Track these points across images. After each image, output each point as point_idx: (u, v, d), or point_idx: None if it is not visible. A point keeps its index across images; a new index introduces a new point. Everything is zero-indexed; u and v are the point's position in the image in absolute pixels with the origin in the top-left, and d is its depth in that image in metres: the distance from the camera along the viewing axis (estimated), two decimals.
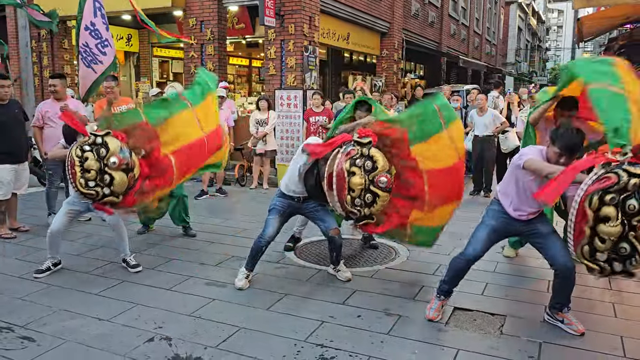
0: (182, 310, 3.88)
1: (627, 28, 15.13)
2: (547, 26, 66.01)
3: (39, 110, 6.19)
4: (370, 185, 3.84)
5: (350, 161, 3.84)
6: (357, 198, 3.87)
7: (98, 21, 7.27)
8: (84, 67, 7.33)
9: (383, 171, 3.85)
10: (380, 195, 3.87)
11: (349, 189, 3.85)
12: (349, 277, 4.53)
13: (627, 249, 2.70)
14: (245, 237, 5.89)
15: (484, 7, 28.46)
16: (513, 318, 3.75)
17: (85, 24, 7.23)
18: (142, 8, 11.02)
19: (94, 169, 4.05)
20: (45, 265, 4.61)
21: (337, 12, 12.27)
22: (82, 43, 7.25)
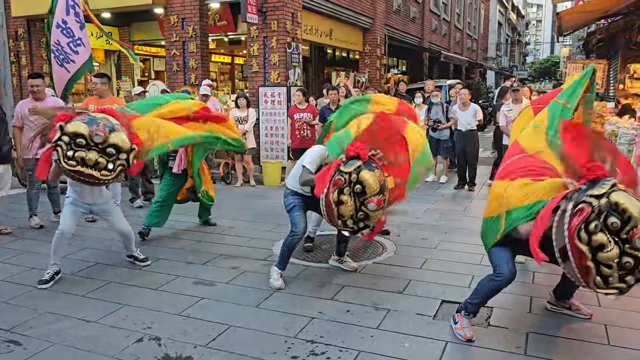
0: (170, 309, 3.86)
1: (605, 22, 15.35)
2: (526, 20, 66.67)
3: (18, 110, 6.07)
4: (362, 207, 3.81)
5: (338, 191, 3.79)
6: (349, 219, 3.86)
7: (71, 19, 7.12)
8: (56, 65, 7.20)
9: (373, 194, 3.76)
10: (371, 215, 3.85)
11: (338, 216, 3.85)
12: (355, 267, 4.67)
13: (631, 262, 2.73)
14: (233, 235, 5.88)
15: (465, 2, 28.67)
16: (500, 309, 3.80)
17: (57, 22, 7.09)
18: (124, 5, 10.95)
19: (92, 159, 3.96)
20: (49, 274, 4.40)
21: (319, 8, 12.26)
22: (54, 41, 7.11)
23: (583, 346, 3.27)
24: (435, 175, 9.42)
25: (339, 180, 3.78)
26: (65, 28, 7.12)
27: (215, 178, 9.23)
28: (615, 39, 15.12)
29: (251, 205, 7.60)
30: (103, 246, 5.48)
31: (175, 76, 11.04)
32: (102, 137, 3.93)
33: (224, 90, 14.38)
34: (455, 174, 9.08)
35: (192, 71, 10.84)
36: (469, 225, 6.31)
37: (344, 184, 3.76)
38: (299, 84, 10.44)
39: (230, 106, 11.46)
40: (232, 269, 4.74)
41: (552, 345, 3.29)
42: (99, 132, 3.91)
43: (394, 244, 5.44)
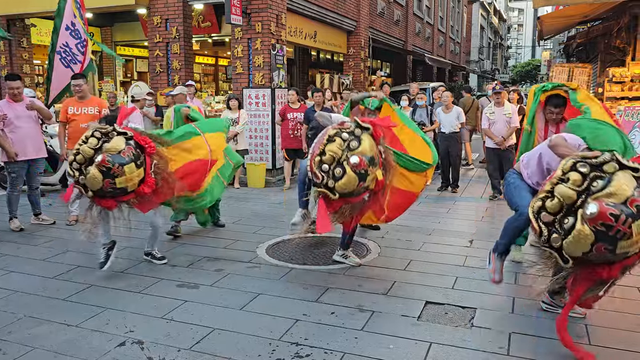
0: (153, 313, 3.82)
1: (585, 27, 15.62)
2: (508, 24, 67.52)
3: None
4: (344, 162, 3.85)
5: (337, 131, 3.93)
6: (325, 164, 3.89)
7: (77, 21, 7.15)
8: (62, 67, 7.17)
9: (362, 154, 3.85)
10: (348, 174, 3.84)
11: (321, 152, 3.90)
12: (359, 262, 4.78)
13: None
14: (217, 238, 5.85)
15: (448, 6, 28.93)
16: (483, 310, 3.83)
17: (66, 24, 7.10)
18: (106, 5, 10.84)
19: (83, 155, 4.08)
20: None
21: (303, 10, 12.27)
22: (62, 43, 7.11)
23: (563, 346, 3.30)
24: None
25: (347, 124, 3.98)
26: (74, 30, 7.16)
27: None
28: (594, 44, 15.41)
29: (235, 207, 7.56)
30: (85, 249, 5.40)
31: (159, 77, 10.95)
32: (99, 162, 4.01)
33: (208, 92, 14.31)
34: (438, 175, 9.14)
35: (176, 72, 10.76)
36: (453, 226, 6.36)
37: (347, 128, 3.93)
38: (284, 85, 10.43)
39: (214, 107, 11.41)
40: (216, 272, 4.71)
41: (535, 346, 3.32)
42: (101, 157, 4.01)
43: (378, 246, 5.46)
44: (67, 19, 7.10)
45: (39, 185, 6.49)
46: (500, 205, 7.52)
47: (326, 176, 3.90)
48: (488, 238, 5.76)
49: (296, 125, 8.74)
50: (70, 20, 7.10)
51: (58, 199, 7.68)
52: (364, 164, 3.83)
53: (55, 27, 7.18)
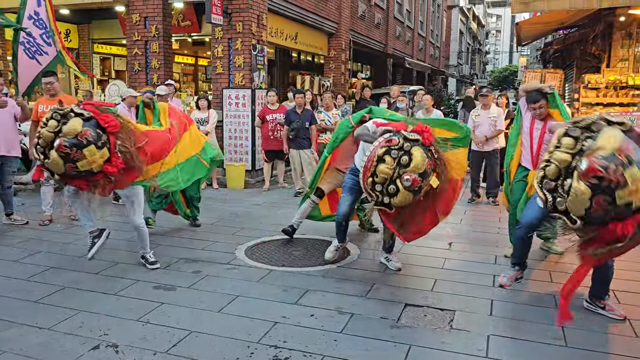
0: (129, 315, 3.74)
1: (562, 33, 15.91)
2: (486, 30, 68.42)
3: None
4: (397, 179, 3.82)
5: (387, 149, 3.85)
6: (379, 184, 3.88)
7: (42, 10, 6.91)
8: (26, 58, 6.92)
9: (414, 171, 3.78)
10: (402, 192, 3.83)
11: (372, 173, 3.87)
12: (399, 267, 4.75)
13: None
14: (195, 239, 5.77)
15: (428, 11, 29.18)
16: (462, 312, 3.85)
17: (29, 13, 6.85)
18: (83, 2, 10.64)
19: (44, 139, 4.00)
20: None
21: (285, 11, 12.23)
22: (24, 33, 6.87)
23: (541, 348, 3.33)
24: None
25: (394, 140, 3.86)
26: (38, 19, 6.91)
27: None
28: (571, 50, 15.69)
29: (214, 208, 7.48)
30: (58, 250, 5.29)
31: (137, 76, 10.78)
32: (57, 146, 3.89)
33: (187, 92, 14.16)
34: None
35: (154, 71, 10.61)
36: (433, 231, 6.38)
37: (396, 145, 3.84)
38: (264, 86, 10.38)
39: (193, 107, 11.29)
40: (193, 273, 4.64)
41: (513, 348, 3.35)
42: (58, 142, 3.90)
43: (358, 248, 5.45)
44: (30, 8, 6.86)
45: (12, 185, 6.33)
46: (479, 209, 7.60)
47: (380, 195, 3.93)
48: (467, 241, 5.81)
49: (276, 127, 8.69)
50: (34, 10, 6.86)
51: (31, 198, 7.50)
52: (417, 182, 3.79)
53: (18, 17, 6.96)
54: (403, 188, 3.80)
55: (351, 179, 4.57)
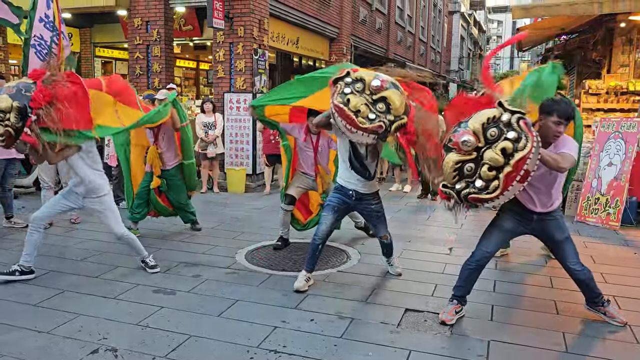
0: (128, 319, 3.73)
1: (562, 39, 15.93)
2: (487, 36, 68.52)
3: None
4: (372, 97, 3.66)
5: (338, 95, 3.68)
6: (370, 113, 3.65)
7: (51, 13, 6.95)
8: (38, 61, 6.93)
9: (370, 79, 3.67)
10: (387, 95, 3.66)
11: (355, 113, 3.64)
12: (399, 273, 4.72)
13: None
14: (195, 243, 5.76)
15: (429, 16, 29.25)
16: (462, 318, 3.83)
17: (39, 16, 6.88)
18: (86, 6, 10.68)
19: None
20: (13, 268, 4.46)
21: (286, 16, 12.26)
22: (36, 35, 6.89)
23: (541, 353, 3.32)
24: (399, 185, 9.51)
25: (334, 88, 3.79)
26: (48, 22, 6.93)
27: None
28: (571, 56, 15.70)
29: (215, 212, 7.48)
30: (57, 253, 5.28)
31: (138, 80, 10.81)
32: None
33: (189, 96, 14.18)
34: (419, 183, 9.18)
35: (156, 75, 10.64)
36: (432, 234, 6.38)
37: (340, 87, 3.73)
38: (265, 91, 10.39)
39: (194, 111, 11.31)
40: (193, 277, 4.63)
41: (514, 353, 3.33)
42: None
43: (358, 253, 5.44)
44: (41, 11, 6.90)
45: (12, 187, 6.33)
46: (480, 213, 7.58)
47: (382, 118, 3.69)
48: (468, 246, 5.78)
49: (277, 131, 8.69)
50: (44, 12, 6.90)
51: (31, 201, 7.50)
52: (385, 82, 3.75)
53: (30, 19, 6.99)
54: (384, 91, 3.67)
55: (337, 198, 4.34)
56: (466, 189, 3.10)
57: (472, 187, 3.08)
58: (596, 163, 7.29)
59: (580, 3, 9.53)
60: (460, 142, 3.03)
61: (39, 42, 6.90)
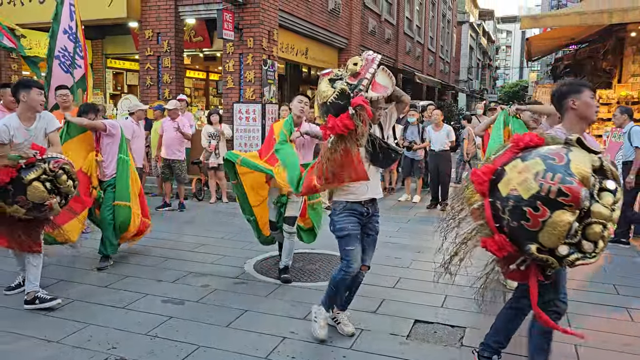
0: (137, 329, 3.73)
1: (572, 49, 15.89)
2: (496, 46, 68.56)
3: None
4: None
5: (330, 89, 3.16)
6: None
7: (74, 24, 7.06)
8: (61, 73, 7.00)
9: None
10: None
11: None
12: (351, 332, 3.68)
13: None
14: (204, 252, 5.77)
15: (438, 26, 29.32)
16: (473, 329, 3.79)
17: (63, 28, 6.98)
18: (97, 18, 10.82)
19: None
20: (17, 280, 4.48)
21: (295, 27, 12.35)
22: (60, 47, 6.97)
23: None
24: (408, 195, 9.49)
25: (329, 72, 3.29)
26: (72, 33, 7.03)
27: (188, 194, 9.10)
28: (581, 65, 15.64)
29: (223, 222, 7.49)
30: (67, 262, 5.31)
31: (149, 90, 10.92)
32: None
33: (198, 106, 14.29)
34: (428, 193, 9.16)
35: (166, 86, 10.73)
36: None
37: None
38: (274, 101, 10.44)
39: (204, 122, 11.38)
40: (202, 287, 4.63)
41: None
42: None
43: None
44: (64, 23, 6.99)
45: None
46: None
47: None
48: (477, 257, 5.74)
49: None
50: (68, 24, 6.99)
51: None
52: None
53: (52, 31, 7.06)
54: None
55: (354, 224, 3.50)
56: (573, 254, 2.42)
57: (578, 252, 2.43)
58: None
59: (590, 13, 9.52)
60: (582, 196, 2.33)
61: (63, 54, 6.98)
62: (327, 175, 3.29)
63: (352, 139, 3.16)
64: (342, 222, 3.48)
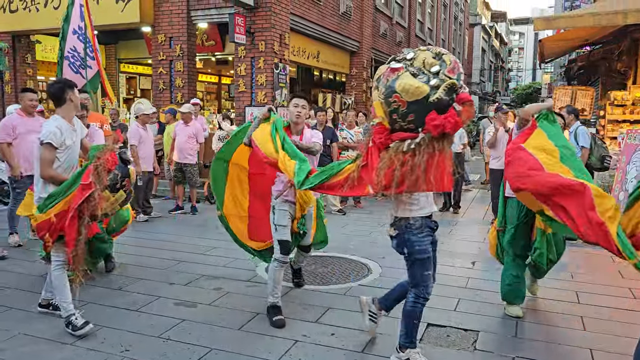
0: (150, 332, 3.75)
1: (586, 50, 15.73)
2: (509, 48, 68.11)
3: (9, 125, 5.86)
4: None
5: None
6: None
7: (84, 25, 7.14)
8: (71, 73, 7.07)
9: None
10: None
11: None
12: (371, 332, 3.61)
13: None
14: (216, 255, 5.79)
15: (449, 29, 29.22)
16: (486, 333, 3.76)
17: (73, 28, 7.06)
18: (111, 24, 10.95)
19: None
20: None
21: (307, 30, 12.37)
22: (70, 47, 7.05)
23: None
24: None
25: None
26: (81, 34, 7.10)
27: (200, 197, 9.15)
28: (595, 67, 15.48)
29: None
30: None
31: (162, 94, 11.01)
32: None
33: (210, 110, 14.37)
34: (440, 196, 9.10)
35: (179, 90, 10.81)
36: (454, 247, 6.30)
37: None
38: (286, 104, 10.46)
39: (216, 126, 11.44)
40: (214, 290, 4.64)
41: None
42: None
43: (379, 266, 5.40)
44: (74, 23, 7.06)
45: None
46: None
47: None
48: (490, 260, 5.70)
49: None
50: (77, 24, 7.06)
51: None
52: None
53: (63, 32, 7.14)
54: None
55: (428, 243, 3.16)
56: None
57: None
58: (622, 176, 7.13)
59: (604, 14, 9.41)
60: None
61: (72, 54, 7.06)
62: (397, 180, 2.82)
63: (449, 140, 2.87)
64: (423, 243, 3.10)
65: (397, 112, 2.83)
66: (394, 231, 3.16)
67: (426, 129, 2.78)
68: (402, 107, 2.80)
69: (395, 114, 2.84)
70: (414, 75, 2.81)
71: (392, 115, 2.85)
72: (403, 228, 3.10)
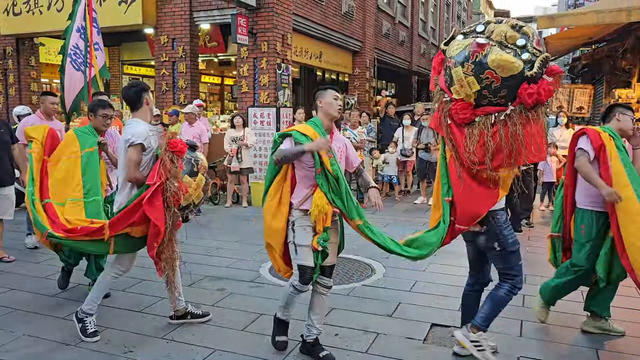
0: (153, 333, 3.75)
1: (590, 48, 15.68)
2: None
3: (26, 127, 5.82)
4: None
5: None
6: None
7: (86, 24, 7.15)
8: (73, 70, 7.07)
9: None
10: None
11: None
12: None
13: None
14: (220, 256, 5.79)
15: (453, 28, 29.18)
16: (490, 333, 3.72)
17: (77, 26, 7.07)
18: (113, 25, 10.96)
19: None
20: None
21: (309, 30, 12.37)
22: (72, 45, 7.06)
23: None
24: (424, 198, 9.41)
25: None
26: (83, 32, 7.11)
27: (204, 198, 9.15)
28: (600, 65, 15.41)
29: (239, 225, 7.51)
30: (84, 266, 5.35)
31: (164, 96, 11.02)
32: None
33: (213, 111, 14.39)
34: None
35: (181, 91, 10.83)
36: (459, 247, 6.26)
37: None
38: (289, 105, 10.47)
39: (219, 127, 11.45)
40: (218, 291, 4.64)
41: None
42: None
43: (383, 266, 5.38)
44: (78, 21, 7.08)
45: None
46: None
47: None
48: None
49: None
50: (81, 23, 7.09)
51: None
52: None
53: (67, 30, 7.16)
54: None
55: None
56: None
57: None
58: None
59: (608, 11, 9.38)
60: None
61: (75, 52, 7.07)
62: (491, 153, 2.83)
63: (543, 109, 2.86)
64: (512, 234, 3.13)
65: (488, 88, 2.80)
66: (481, 227, 3.12)
67: (520, 99, 2.78)
68: (495, 83, 2.77)
69: (486, 90, 2.81)
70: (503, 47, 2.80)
71: (483, 91, 2.82)
72: (492, 223, 3.09)
